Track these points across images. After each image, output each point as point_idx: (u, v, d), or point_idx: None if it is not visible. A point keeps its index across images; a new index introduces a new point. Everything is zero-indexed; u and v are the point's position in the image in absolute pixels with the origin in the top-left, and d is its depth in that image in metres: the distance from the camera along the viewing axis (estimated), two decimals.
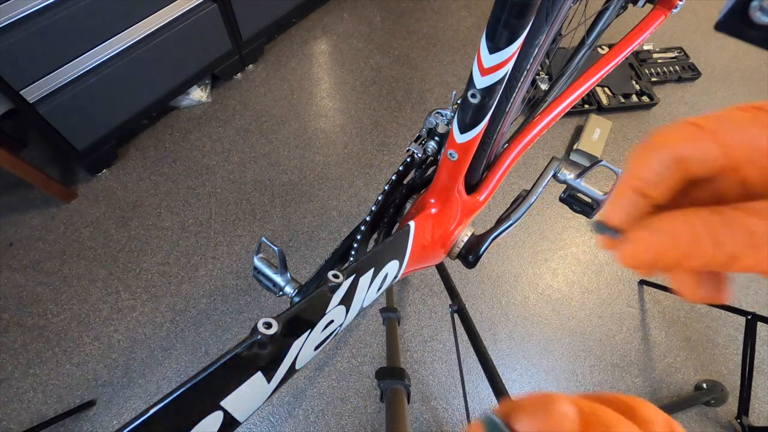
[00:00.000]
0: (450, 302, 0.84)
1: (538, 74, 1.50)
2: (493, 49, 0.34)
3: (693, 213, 0.14)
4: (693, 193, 0.18)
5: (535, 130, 0.67)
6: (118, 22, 1.09)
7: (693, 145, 0.15)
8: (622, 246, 0.16)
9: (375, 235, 0.72)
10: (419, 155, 0.59)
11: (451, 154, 0.50)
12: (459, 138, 0.47)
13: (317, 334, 0.35)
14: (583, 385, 1.09)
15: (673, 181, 0.15)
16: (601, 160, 0.57)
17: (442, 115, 0.57)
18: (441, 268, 0.91)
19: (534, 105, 0.75)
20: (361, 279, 0.40)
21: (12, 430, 0.97)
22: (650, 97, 1.53)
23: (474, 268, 0.61)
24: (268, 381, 0.31)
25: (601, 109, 1.52)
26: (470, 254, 0.59)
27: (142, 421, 0.23)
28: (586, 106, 1.51)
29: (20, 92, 1.00)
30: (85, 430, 0.99)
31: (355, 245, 0.63)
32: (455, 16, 1.76)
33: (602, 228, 0.18)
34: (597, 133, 1.43)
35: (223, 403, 0.27)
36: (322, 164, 1.38)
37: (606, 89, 1.55)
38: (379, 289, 0.45)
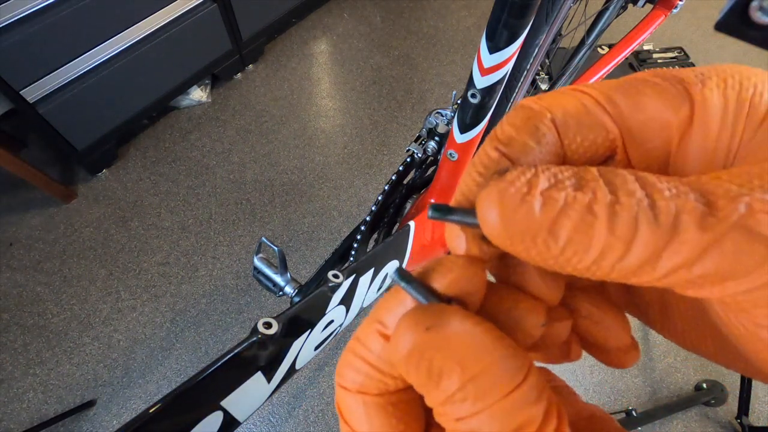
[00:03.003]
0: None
1: (538, 74, 1.50)
2: (493, 49, 0.34)
3: None
4: None
5: None
6: (118, 22, 1.09)
7: (586, 113, 0.12)
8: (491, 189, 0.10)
9: (375, 235, 0.72)
10: (419, 155, 0.59)
11: (451, 154, 0.50)
12: (459, 138, 0.47)
13: (317, 334, 0.35)
14: (583, 385, 1.09)
15: (548, 152, 0.12)
16: None
17: (442, 115, 0.57)
18: None
19: None
20: (361, 279, 0.40)
21: (12, 430, 0.97)
22: None
23: None
24: (268, 381, 0.31)
25: None
26: None
27: (143, 421, 0.23)
28: None
29: (20, 92, 1.00)
30: (85, 430, 0.99)
31: (355, 245, 0.63)
32: (455, 16, 1.76)
33: (444, 209, 0.12)
34: None
35: (223, 403, 0.27)
36: (322, 164, 1.38)
37: None
38: (379, 289, 0.45)
